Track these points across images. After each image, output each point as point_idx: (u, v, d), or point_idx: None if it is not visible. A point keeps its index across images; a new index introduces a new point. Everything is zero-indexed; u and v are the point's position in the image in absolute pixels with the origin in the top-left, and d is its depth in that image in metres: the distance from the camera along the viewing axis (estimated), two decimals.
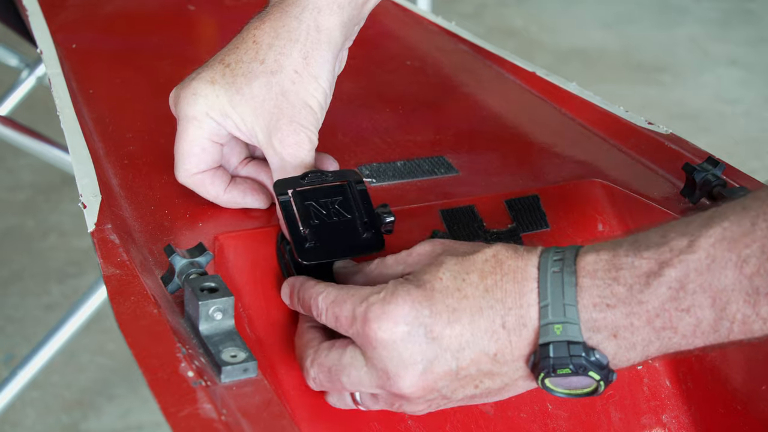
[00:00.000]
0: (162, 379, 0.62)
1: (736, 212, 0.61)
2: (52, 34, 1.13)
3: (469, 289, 0.66)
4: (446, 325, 0.66)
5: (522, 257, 0.67)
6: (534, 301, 0.65)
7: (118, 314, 0.68)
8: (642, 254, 0.63)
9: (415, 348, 0.66)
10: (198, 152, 0.81)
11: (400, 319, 0.66)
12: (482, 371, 0.67)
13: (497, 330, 0.66)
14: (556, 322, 0.64)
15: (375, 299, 0.67)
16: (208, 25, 1.27)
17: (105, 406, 1.91)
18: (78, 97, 0.99)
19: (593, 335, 0.64)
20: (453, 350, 0.66)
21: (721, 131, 2.99)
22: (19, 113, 1.84)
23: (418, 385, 0.67)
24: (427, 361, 0.66)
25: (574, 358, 0.64)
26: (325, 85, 0.81)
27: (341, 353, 0.69)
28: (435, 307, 0.66)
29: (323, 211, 0.77)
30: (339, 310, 0.69)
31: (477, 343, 0.66)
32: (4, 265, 2.26)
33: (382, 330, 0.66)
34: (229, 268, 0.78)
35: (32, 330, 2.06)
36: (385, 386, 0.68)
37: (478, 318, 0.66)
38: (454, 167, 0.92)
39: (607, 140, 0.98)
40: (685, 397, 0.84)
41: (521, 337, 0.65)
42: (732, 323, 0.61)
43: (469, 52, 1.20)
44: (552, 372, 0.65)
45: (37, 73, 1.85)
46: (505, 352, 0.66)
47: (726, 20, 3.78)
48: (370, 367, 0.68)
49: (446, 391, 0.67)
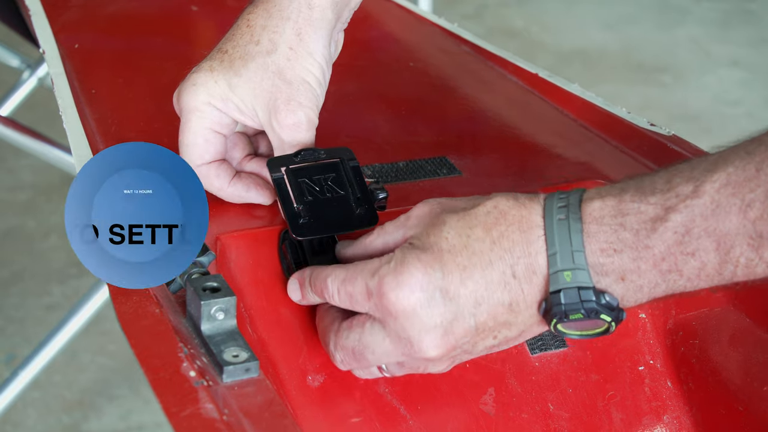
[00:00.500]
0: (164, 379, 0.62)
1: (740, 157, 0.62)
2: (55, 35, 1.13)
3: (476, 244, 0.67)
4: (460, 283, 0.67)
5: (525, 206, 0.68)
6: (541, 248, 0.66)
7: (120, 314, 0.68)
8: (648, 200, 0.64)
9: (434, 311, 0.67)
10: (201, 143, 0.81)
11: (415, 285, 0.67)
12: (499, 322, 0.68)
13: (509, 280, 0.67)
14: (566, 269, 0.65)
15: (386, 270, 0.67)
16: (210, 26, 1.28)
17: (106, 406, 1.91)
18: (80, 97, 0.99)
19: (601, 279, 0.65)
20: (470, 307, 0.67)
21: (723, 132, 2.99)
22: (20, 114, 1.84)
23: (442, 347, 0.68)
24: (447, 323, 0.67)
25: (585, 303, 0.66)
26: (321, 61, 0.81)
27: (361, 331, 0.70)
28: (446, 267, 0.67)
29: (316, 188, 0.78)
30: (352, 288, 0.69)
31: (491, 296, 0.67)
32: (5, 266, 2.26)
33: (400, 299, 0.67)
34: (231, 268, 0.78)
35: (33, 330, 2.06)
36: (409, 353, 0.68)
37: (489, 271, 0.67)
38: (456, 168, 0.92)
39: (609, 141, 0.98)
40: (687, 397, 0.84)
41: (532, 284, 0.67)
42: (736, 266, 0.63)
43: (471, 53, 1.20)
44: (564, 317, 0.67)
45: (38, 74, 1.85)
46: (519, 300, 0.67)
47: (727, 21, 3.78)
48: (393, 338, 0.68)
49: (467, 346, 0.69)
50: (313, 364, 0.77)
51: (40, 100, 1.96)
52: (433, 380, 0.80)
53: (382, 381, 0.78)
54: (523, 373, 0.83)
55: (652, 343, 0.85)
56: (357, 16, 0.86)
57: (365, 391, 0.78)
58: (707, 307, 0.84)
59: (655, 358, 0.85)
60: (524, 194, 0.69)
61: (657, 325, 0.85)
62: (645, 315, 0.86)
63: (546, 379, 0.83)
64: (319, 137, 0.82)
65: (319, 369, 0.77)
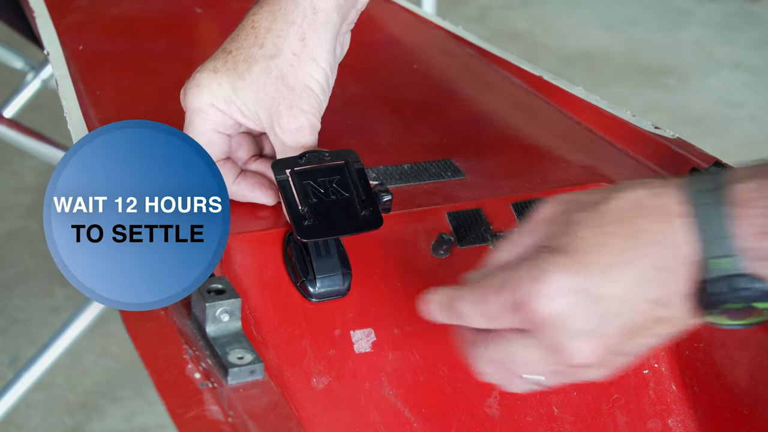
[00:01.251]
0: (169, 381, 0.62)
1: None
2: (59, 36, 1.13)
3: (615, 241, 0.64)
4: (603, 284, 0.63)
5: (660, 195, 0.64)
6: (687, 238, 0.63)
7: (125, 316, 0.68)
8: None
9: (580, 316, 0.63)
10: (205, 143, 0.81)
11: (558, 292, 0.63)
12: (650, 319, 0.64)
13: (654, 275, 0.63)
14: (716, 257, 0.62)
15: (525, 281, 0.64)
16: (215, 28, 1.28)
17: (109, 408, 1.91)
18: (85, 98, 0.99)
19: (755, 264, 0.62)
20: (616, 307, 0.64)
21: (727, 134, 2.99)
22: (23, 116, 1.84)
23: (594, 351, 0.64)
24: (595, 326, 0.64)
25: (739, 291, 0.62)
26: (325, 66, 0.80)
27: (507, 343, 0.66)
28: (587, 269, 0.63)
29: (321, 190, 0.78)
30: (490, 307, 0.66)
31: (638, 293, 0.64)
32: (8, 267, 2.26)
33: (544, 308, 0.63)
34: (236, 270, 0.78)
35: (37, 332, 2.06)
36: (560, 361, 0.65)
37: (632, 268, 0.63)
38: (460, 170, 0.92)
39: (613, 144, 0.98)
40: (691, 401, 0.84)
41: (679, 276, 0.63)
42: None
43: (476, 55, 1.20)
44: (717, 307, 0.63)
45: (42, 76, 1.85)
46: (667, 295, 0.64)
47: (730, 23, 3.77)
48: (541, 347, 0.65)
49: (620, 347, 0.65)
50: (318, 366, 0.77)
51: (44, 101, 1.96)
52: (438, 383, 0.80)
53: (386, 384, 0.78)
54: None
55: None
56: (361, 19, 0.86)
57: (370, 393, 0.78)
58: None
59: (659, 361, 0.85)
60: (654, 180, 0.66)
61: None
62: None
63: None
64: (323, 139, 0.82)
65: (323, 371, 0.77)
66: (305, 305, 0.79)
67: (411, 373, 0.80)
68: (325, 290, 0.79)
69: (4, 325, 2.09)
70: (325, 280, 0.79)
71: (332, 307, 0.80)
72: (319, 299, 0.79)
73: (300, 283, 0.79)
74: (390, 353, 0.81)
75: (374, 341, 0.80)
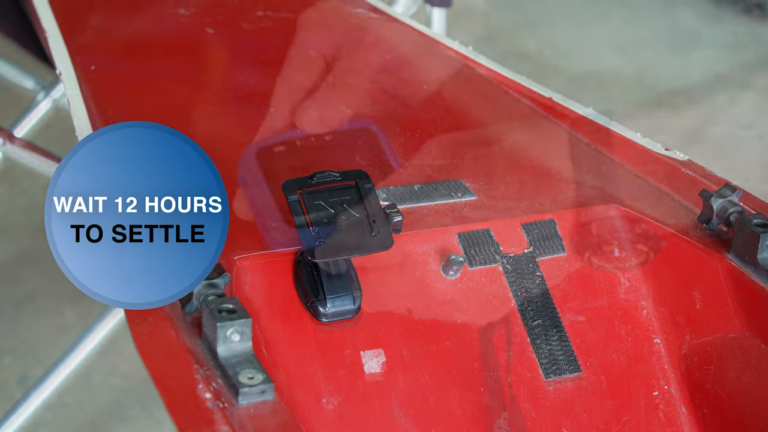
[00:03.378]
0: (179, 401, 0.62)
1: None
2: (71, 56, 1.13)
3: None
4: None
5: None
6: None
7: (136, 335, 0.68)
8: None
9: None
10: None
11: None
12: None
13: None
14: None
15: None
16: (226, 49, 1.28)
17: (118, 428, 1.90)
18: (96, 118, 1.00)
19: None
20: None
21: (736, 156, 2.98)
22: (34, 135, 1.84)
23: None
24: None
25: None
26: None
27: None
28: None
29: (332, 210, 0.78)
30: None
31: None
32: (18, 286, 2.26)
33: None
34: (247, 290, 0.78)
35: (46, 351, 2.06)
36: None
37: None
38: (470, 191, 0.92)
39: (623, 166, 0.98)
40: (701, 423, 0.83)
41: None
42: None
43: (486, 76, 1.20)
44: None
45: (53, 96, 1.85)
46: None
47: (738, 44, 3.77)
48: None
49: None
50: (328, 387, 0.77)
51: (54, 121, 1.96)
52: (447, 404, 0.79)
53: (396, 405, 0.78)
54: (537, 397, 0.82)
55: (667, 368, 0.85)
56: (371, 39, 0.86)
57: (380, 415, 0.78)
58: (722, 332, 0.84)
59: (669, 383, 0.85)
60: None
61: (672, 350, 0.85)
62: (660, 340, 0.85)
63: (560, 403, 0.83)
64: (334, 160, 0.82)
65: (333, 392, 0.77)
66: (315, 326, 0.79)
67: (421, 395, 0.80)
68: (336, 310, 0.79)
69: (14, 345, 2.09)
70: (335, 300, 0.79)
71: (342, 327, 0.80)
72: (329, 320, 0.79)
73: (310, 304, 0.79)
74: (400, 374, 0.80)
75: (384, 362, 0.80)
